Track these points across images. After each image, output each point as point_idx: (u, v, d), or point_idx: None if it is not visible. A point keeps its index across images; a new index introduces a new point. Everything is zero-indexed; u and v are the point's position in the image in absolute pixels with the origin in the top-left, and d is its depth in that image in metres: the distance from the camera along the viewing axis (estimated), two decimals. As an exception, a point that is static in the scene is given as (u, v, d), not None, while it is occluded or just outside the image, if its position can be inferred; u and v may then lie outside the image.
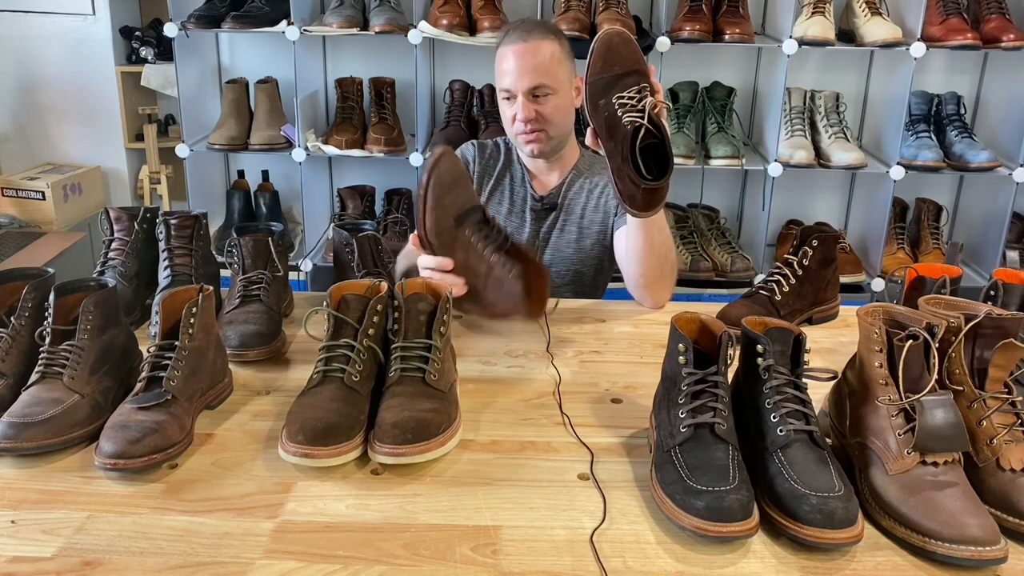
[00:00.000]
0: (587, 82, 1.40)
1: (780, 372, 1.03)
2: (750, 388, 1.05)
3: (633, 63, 1.38)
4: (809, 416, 1.02)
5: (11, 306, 1.21)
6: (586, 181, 1.88)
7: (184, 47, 2.71)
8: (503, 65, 1.76)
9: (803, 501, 0.93)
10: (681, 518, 0.95)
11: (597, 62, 1.38)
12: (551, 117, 1.77)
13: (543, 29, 1.78)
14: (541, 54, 1.73)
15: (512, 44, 1.75)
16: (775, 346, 1.04)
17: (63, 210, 3.10)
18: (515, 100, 1.76)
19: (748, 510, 0.93)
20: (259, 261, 1.47)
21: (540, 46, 1.73)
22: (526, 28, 1.78)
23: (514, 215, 1.88)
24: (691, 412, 1.02)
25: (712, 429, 1.01)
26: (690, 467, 0.98)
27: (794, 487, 0.94)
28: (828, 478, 0.95)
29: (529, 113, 1.75)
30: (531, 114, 1.75)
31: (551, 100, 1.75)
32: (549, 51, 1.74)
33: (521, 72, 1.73)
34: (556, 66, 1.75)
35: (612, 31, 1.40)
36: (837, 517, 0.91)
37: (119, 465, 1.02)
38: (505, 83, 1.76)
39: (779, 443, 0.99)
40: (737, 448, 1.00)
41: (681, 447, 1.01)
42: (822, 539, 0.91)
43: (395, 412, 1.08)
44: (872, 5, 2.66)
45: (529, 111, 1.75)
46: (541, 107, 1.75)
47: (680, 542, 0.95)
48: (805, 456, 0.98)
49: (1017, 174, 2.68)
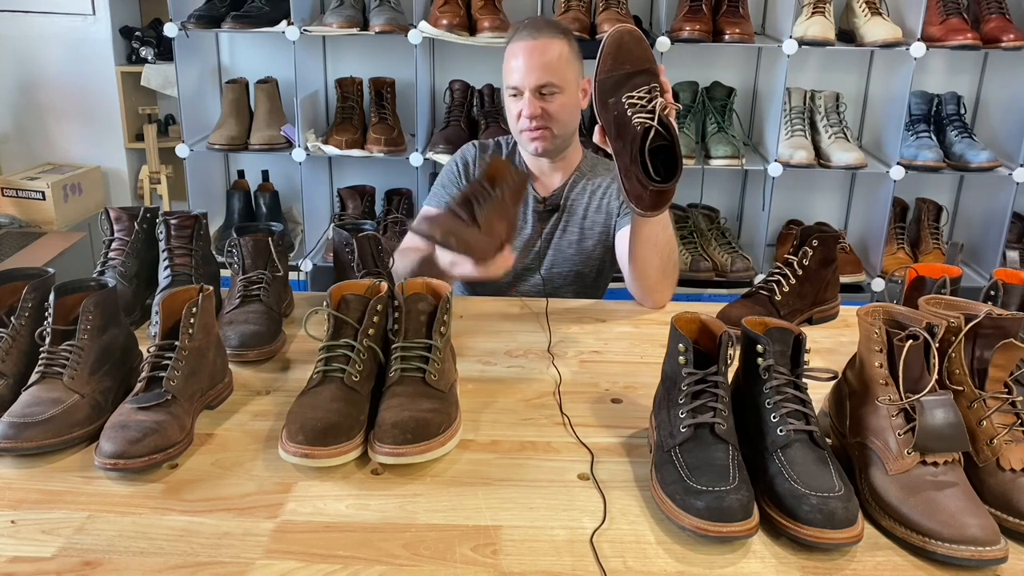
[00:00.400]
0: (596, 80, 1.39)
1: (780, 372, 1.03)
2: (750, 388, 1.05)
3: (644, 62, 1.38)
4: (809, 416, 1.02)
5: (11, 306, 1.21)
6: (588, 182, 1.87)
7: (184, 47, 2.71)
8: (511, 62, 1.77)
9: (803, 501, 0.93)
10: (681, 518, 0.95)
11: (607, 60, 1.38)
12: (557, 115, 1.77)
13: (554, 28, 1.79)
14: (550, 52, 1.73)
15: (522, 41, 1.75)
16: (775, 346, 1.04)
17: (63, 210, 3.10)
18: (522, 97, 1.76)
19: (748, 510, 0.93)
20: (259, 261, 1.47)
21: (550, 44, 1.74)
22: (536, 26, 1.78)
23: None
24: (691, 412, 1.02)
25: (712, 429, 1.01)
26: (690, 467, 0.98)
27: (794, 487, 0.94)
28: (828, 478, 0.95)
29: (535, 110, 1.75)
30: (537, 111, 1.75)
31: (558, 98, 1.75)
32: (558, 50, 1.74)
33: (529, 69, 1.73)
34: (564, 65, 1.75)
35: (624, 28, 1.39)
36: (837, 517, 0.91)
37: (119, 465, 1.02)
38: (513, 79, 1.76)
39: (779, 443, 0.99)
40: (737, 448, 1.00)
41: (681, 447, 1.01)
42: (822, 539, 0.91)
43: (395, 412, 1.08)
44: (872, 5, 2.66)
45: (535, 108, 1.75)
46: (547, 105, 1.75)
47: (680, 542, 0.95)
48: (805, 456, 0.98)
49: (1017, 174, 2.68)
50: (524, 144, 1.84)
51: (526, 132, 1.79)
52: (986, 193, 2.92)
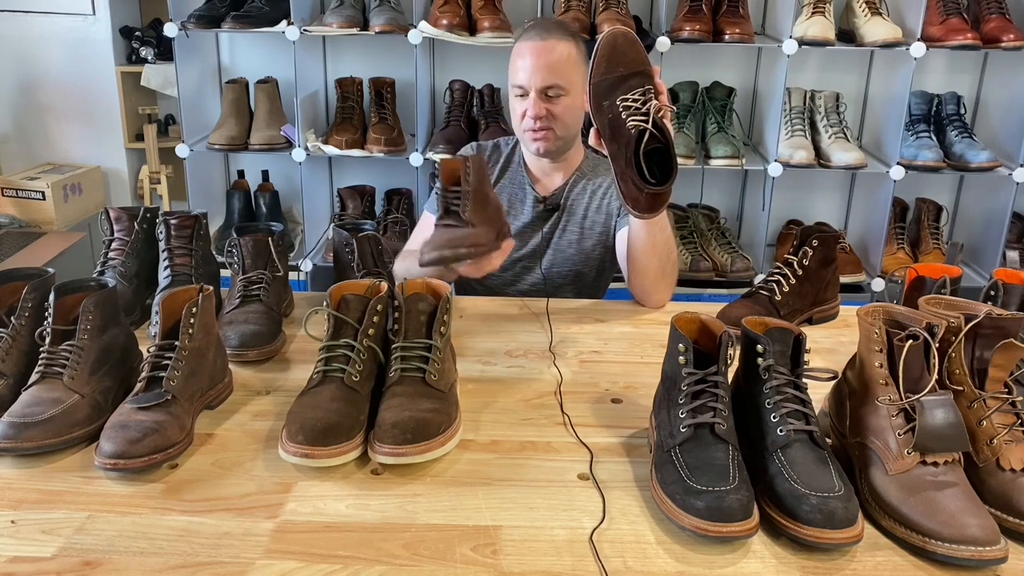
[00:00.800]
0: (591, 82, 1.39)
1: (780, 372, 1.04)
2: (750, 388, 1.05)
3: (638, 64, 1.38)
4: (809, 416, 1.02)
5: (11, 306, 1.21)
6: (589, 183, 1.87)
7: (184, 47, 2.71)
8: (518, 61, 1.76)
9: (803, 501, 0.93)
10: (681, 518, 0.95)
11: (601, 63, 1.38)
12: (561, 117, 1.77)
13: (562, 30, 1.79)
14: (557, 53, 1.74)
15: (530, 41, 1.75)
16: (775, 346, 1.04)
17: (63, 210, 3.10)
18: (527, 97, 1.76)
19: (748, 510, 0.93)
20: (259, 261, 1.47)
21: (557, 46, 1.74)
22: (545, 27, 1.78)
23: (514, 216, 1.88)
24: (691, 412, 1.03)
25: (712, 429, 1.01)
26: (690, 467, 0.98)
27: (794, 487, 0.94)
28: (828, 478, 0.95)
29: (540, 111, 1.75)
30: (541, 112, 1.75)
31: (563, 100, 1.75)
32: (566, 52, 1.74)
33: (536, 69, 1.73)
34: (571, 67, 1.75)
35: (617, 31, 1.39)
36: (837, 517, 0.91)
37: (119, 465, 1.02)
38: (519, 79, 1.76)
39: (779, 443, 0.99)
40: (737, 448, 1.00)
41: (681, 447, 1.01)
42: (822, 539, 0.91)
43: (395, 412, 1.08)
44: (872, 5, 2.66)
45: (540, 109, 1.75)
46: (552, 106, 1.75)
47: (680, 542, 0.95)
48: (805, 456, 0.98)
49: (1017, 174, 2.68)
50: (527, 144, 1.84)
51: (529, 132, 1.79)
52: (986, 193, 2.92)
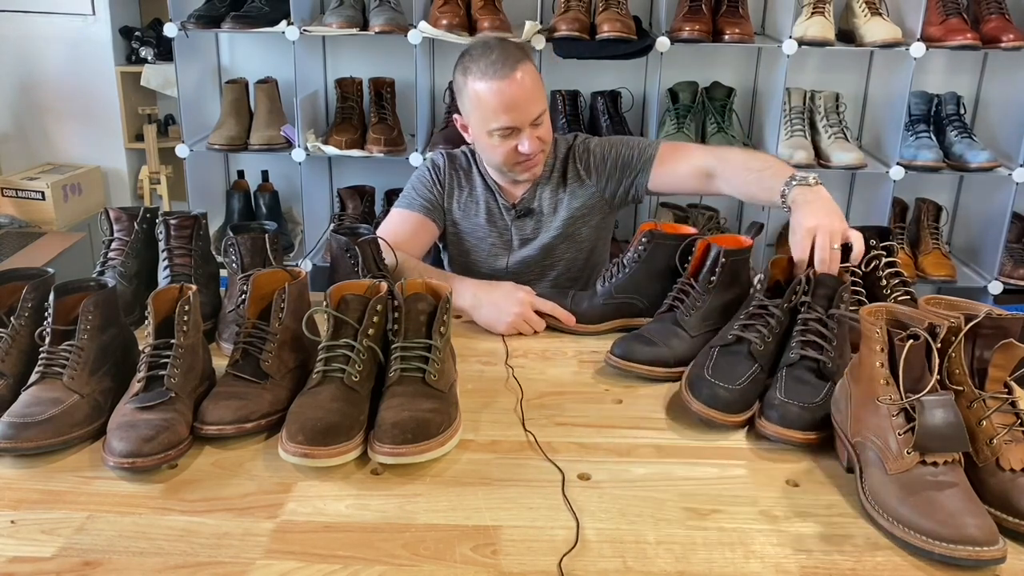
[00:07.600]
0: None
1: (815, 308, 1.23)
2: (794, 319, 1.25)
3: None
4: (824, 348, 1.19)
5: (11, 306, 1.21)
6: (551, 174, 1.84)
7: (184, 47, 2.71)
8: (493, 102, 1.65)
9: (772, 406, 1.14)
10: (690, 402, 1.17)
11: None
12: (546, 136, 1.75)
13: (515, 53, 1.69)
14: (529, 80, 1.67)
15: (498, 80, 1.64)
16: (819, 288, 1.24)
17: (63, 210, 3.10)
18: (518, 133, 1.69)
19: (739, 408, 1.16)
20: (257, 259, 1.47)
21: (525, 73, 1.66)
22: (502, 59, 1.66)
23: (493, 223, 1.86)
24: (742, 327, 1.25)
25: (749, 346, 1.22)
26: (715, 366, 1.21)
27: (774, 394, 1.15)
28: (809, 393, 1.14)
29: (535, 144, 1.70)
30: (536, 144, 1.70)
31: (544, 118, 1.72)
32: (532, 74, 1.69)
33: (524, 106, 1.66)
34: (540, 85, 1.72)
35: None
36: (791, 419, 1.12)
37: (136, 464, 1.03)
38: (505, 121, 1.66)
39: (786, 362, 1.20)
40: (765, 371, 1.21)
41: (720, 350, 1.24)
42: (775, 434, 1.12)
43: (395, 412, 1.08)
44: (872, 5, 2.66)
45: (535, 142, 1.70)
46: (541, 131, 1.72)
47: (680, 542, 0.95)
48: (802, 376, 1.17)
49: (1017, 174, 2.68)
50: (515, 175, 1.78)
51: (524, 163, 1.74)
52: (986, 193, 2.92)
